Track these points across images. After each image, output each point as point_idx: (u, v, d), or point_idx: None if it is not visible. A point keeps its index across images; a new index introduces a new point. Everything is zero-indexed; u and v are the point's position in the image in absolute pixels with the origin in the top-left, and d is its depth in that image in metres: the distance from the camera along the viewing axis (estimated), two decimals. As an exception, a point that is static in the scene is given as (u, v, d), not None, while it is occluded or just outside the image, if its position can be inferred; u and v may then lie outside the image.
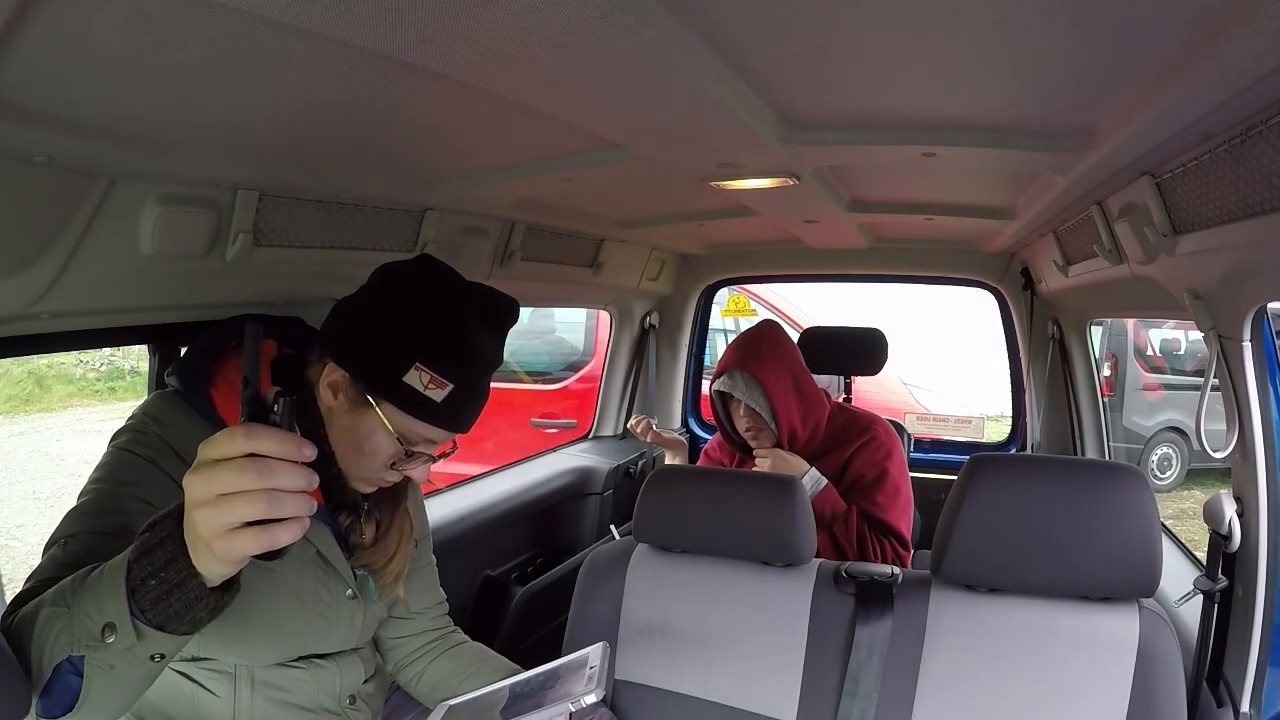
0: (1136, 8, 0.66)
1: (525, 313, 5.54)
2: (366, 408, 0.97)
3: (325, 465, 1.00)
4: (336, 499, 1.05)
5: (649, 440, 2.33)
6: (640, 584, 1.38)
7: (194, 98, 0.82)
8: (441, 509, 1.95)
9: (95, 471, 0.93)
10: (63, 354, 6.67)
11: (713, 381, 1.74)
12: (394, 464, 1.00)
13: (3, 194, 0.88)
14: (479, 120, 1.03)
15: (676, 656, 1.33)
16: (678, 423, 2.98)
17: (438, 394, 0.95)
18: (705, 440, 2.69)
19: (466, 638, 1.31)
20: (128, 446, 0.94)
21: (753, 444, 1.75)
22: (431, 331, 0.96)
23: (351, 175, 1.22)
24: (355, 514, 1.09)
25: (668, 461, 2.33)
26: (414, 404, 0.95)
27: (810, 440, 1.70)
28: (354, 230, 1.39)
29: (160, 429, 0.95)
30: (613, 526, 2.26)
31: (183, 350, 1.20)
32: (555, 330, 5.00)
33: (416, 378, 0.94)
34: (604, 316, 3.11)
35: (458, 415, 0.99)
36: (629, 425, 2.31)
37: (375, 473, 1.01)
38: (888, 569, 1.29)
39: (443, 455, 1.05)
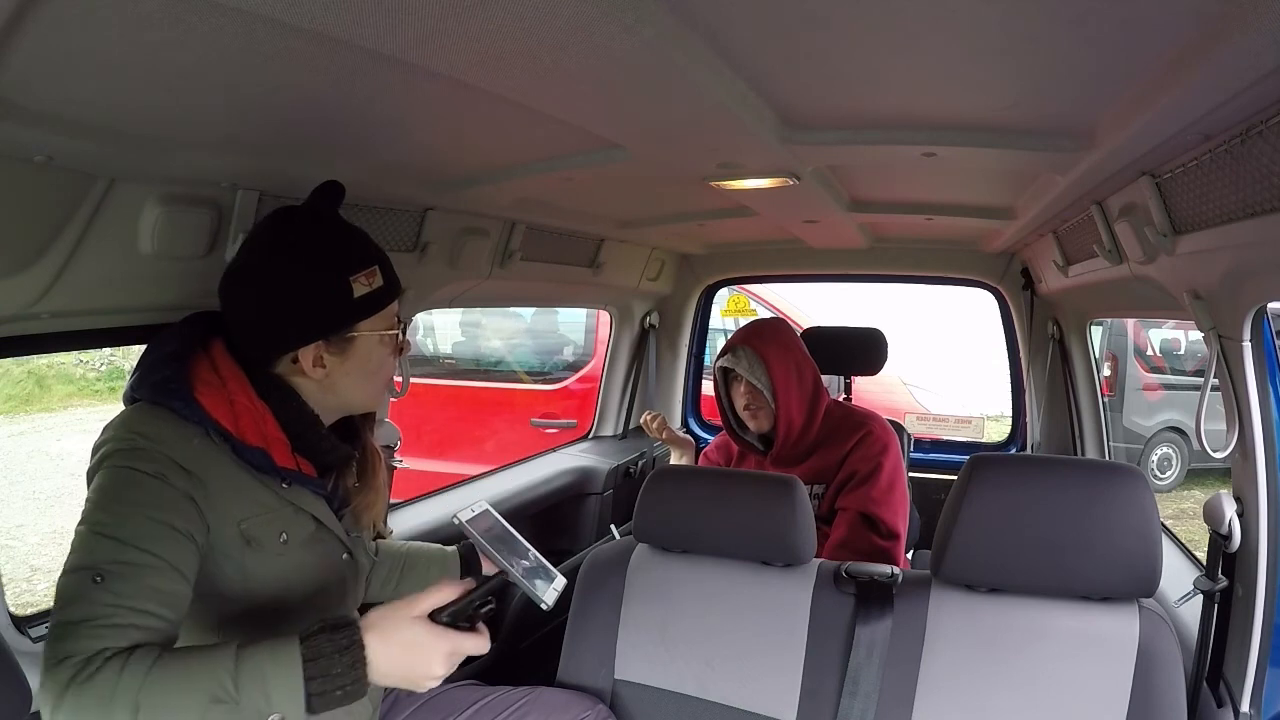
0: (1136, 8, 0.66)
1: (526, 313, 5.50)
2: (352, 342, 1.04)
3: (312, 433, 1.04)
4: (323, 460, 1.07)
5: (664, 438, 2.21)
6: (640, 584, 1.38)
7: (194, 98, 0.82)
8: (442, 509, 1.95)
9: (97, 494, 0.89)
10: (63, 354, 6.67)
11: (717, 360, 1.76)
12: (393, 354, 1.11)
13: (3, 194, 0.88)
14: (479, 120, 1.03)
15: (676, 656, 1.33)
16: (677, 423, 2.98)
17: (379, 280, 1.05)
18: (705, 442, 2.69)
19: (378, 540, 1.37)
20: (129, 464, 0.90)
21: (750, 423, 1.75)
22: (332, 251, 1.03)
23: (351, 175, 1.22)
24: (339, 469, 1.11)
25: (673, 462, 2.29)
26: (376, 301, 1.04)
27: (805, 433, 1.71)
28: (354, 230, 1.39)
29: (156, 445, 0.91)
30: (613, 526, 2.26)
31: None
32: (556, 330, 5.00)
33: (361, 286, 1.02)
34: (604, 316, 3.11)
35: (394, 277, 1.08)
36: (643, 419, 2.22)
37: (388, 374, 1.12)
38: (888, 569, 1.29)
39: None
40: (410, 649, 0.84)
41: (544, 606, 1.22)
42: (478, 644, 0.89)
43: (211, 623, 0.99)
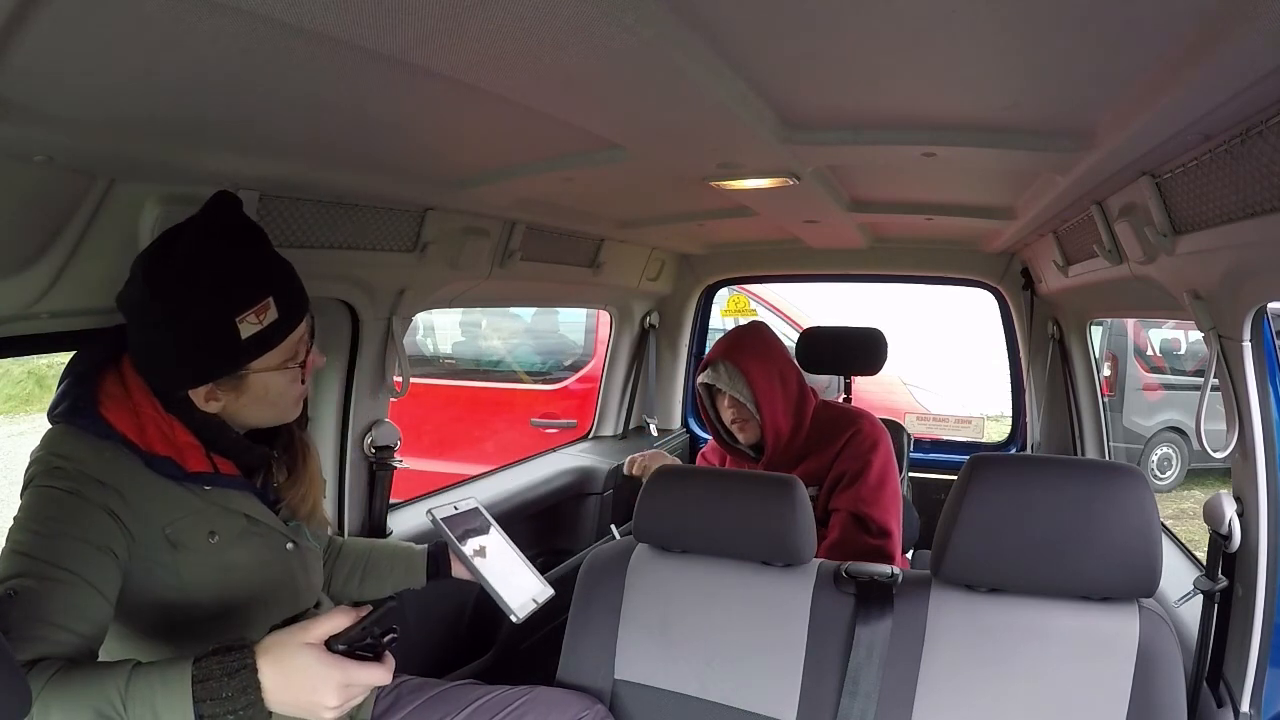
0: (1136, 8, 0.66)
1: (526, 313, 5.48)
2: (244, 379, 1.02)
3: (223, 439, 1.03)
4: (245, 460, 1.07)
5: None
6: (640, 584, 1.38)
7: (194, 98, 0.82)
8: (441, 509, 1.95)
9: (20, 513, 0.92)
10: (63, 354, 6.66)
11: (696, 376, 1.75)
12: (298, 378, 1.08)
13: (3, 194, 0.88)
14: (479, 120, 1.03)
15: (676, 656, 1.33)
16: (677, 423, 2.98)
17: (271, 314, 0.99)
18: (704, 442, 2.69)
19: (344, 538, 1.40)
20: (48, 483, 0.92)
21: (739, 435, 1.74)
22: (215, 288, 0.96)
23: (352, 175, 1.22)
24: (266, 466, 1.11)
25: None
26: (269, 338, 1.00)
27: (794, 439, 1.70)
28: (355, 230, 1.39)
29: (71, 463, 0.94)
30: (613, 526, 2.26)
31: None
32: (556, 330, 5.00)
33: (250, 326, 0.97)
34: (604, 316, 3.11)
35: (294, 303, 1.03)
36: (625, 470, 2.07)
37: (295, 396, 1.09)
38: (888, 569, 1.29)
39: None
40: (300, 676, 0.80)
41: (513, 619, 1.20)
42: (376, 675, 0.83)
43: (161, 630, 0.99)
